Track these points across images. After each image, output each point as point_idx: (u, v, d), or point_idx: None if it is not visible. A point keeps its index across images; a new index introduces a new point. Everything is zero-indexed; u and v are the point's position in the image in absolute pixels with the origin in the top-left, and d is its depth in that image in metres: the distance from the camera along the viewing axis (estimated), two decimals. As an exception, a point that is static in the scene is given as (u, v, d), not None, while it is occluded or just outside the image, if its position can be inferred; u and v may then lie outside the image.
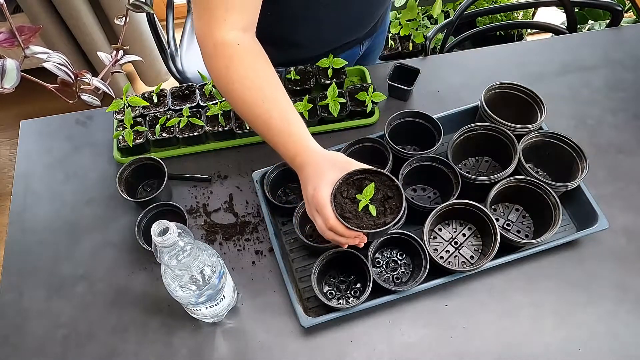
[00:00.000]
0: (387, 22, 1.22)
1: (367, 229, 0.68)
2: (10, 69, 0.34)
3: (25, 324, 0.83)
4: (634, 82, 1.08)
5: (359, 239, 0.70)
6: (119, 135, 0.96)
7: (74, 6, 1.76)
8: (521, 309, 0.82)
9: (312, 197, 0.69)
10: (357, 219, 0.69)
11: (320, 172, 0.69)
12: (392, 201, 0.70)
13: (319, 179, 0.69)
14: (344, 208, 0.69)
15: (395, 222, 0.68)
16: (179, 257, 0.62)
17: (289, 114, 0.74)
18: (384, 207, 0.70)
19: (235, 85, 0.74)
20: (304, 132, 0.73)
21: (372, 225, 0.68)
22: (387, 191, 0.71)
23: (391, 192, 0.71)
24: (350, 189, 0.70)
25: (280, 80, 0.78)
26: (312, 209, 0.70)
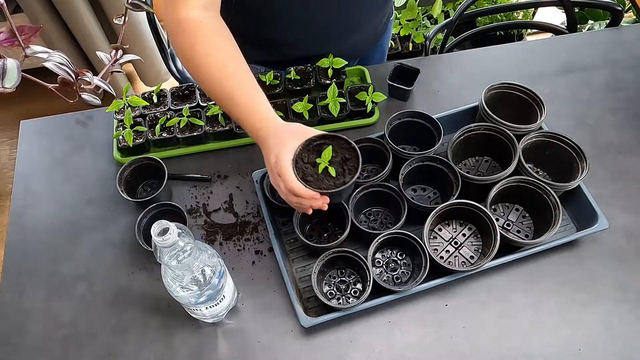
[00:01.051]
0: (390, 29, 1.22)
1: (327, 189, 0.72)
2: (11, 68, 0.34)
3: (25, 324, 0.83)
4: (634, 82, 1.08)
5: (321, 200, 0.73)
6: (119, 135, 0.96)
7: (74, 6, 1.76)
8: (521, 309, 0.82)
9: (274, 164, 0.72)
10: (318, 181, 0.72)
11: (281, 141, 0.73)
12: (350, 162, 0.74)
13: (280, 146, 0.72)
14: (305, 172, 0.72)
15: (353, 180, 0.72)
16: (179, 257, 0.62)
17: (251, 90, 0.76)
18: (343, 169, 0.74)
19: (200, 62, 0.76)
20: (265, 107, 0.76)
21: (332, 185, 0.72)
22: (345, 153, 0.75)
23: (349, 154, 0.74)
24: (311, 154, 0.74)
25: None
26: (275, 175, 0.73)
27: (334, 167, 0.73)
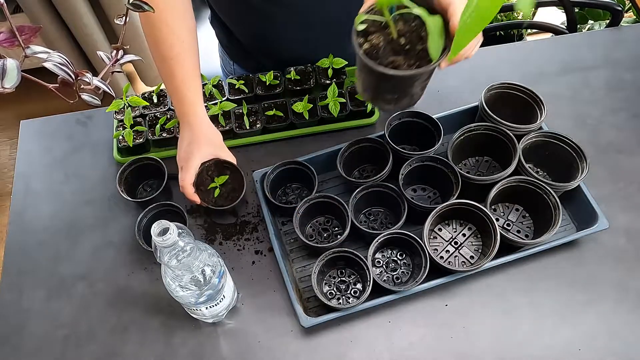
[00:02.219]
0: None
1: (207, 203, 0.85)
2: (11, 68, 0.34)
3: (25, 324, 0.83)
4: (634, 82, 1.08)
5: (199, 202, 0.85)
6: (119, 135, 0.96)
7: (74, 6, 1.76)
8: (521, 309, 0.82)
9: (184, 158, 0.84)
10: (205, 193, 0.86)
11: (197, 142, 0.83)
12: (236, 193, 0.87)
13: (195, 147, 0.83)
14: (204, 182, 0.86)
15: (225, 208, 0.86)
16: (179, 257, 0.62)
17: (188, 78, 0.83)
18: (228, 195, 0.87)
19: (153, 33, 0.81)
20: (196, 99, 0.84)
21: (212, 202, 0.86)
22: (236, 185, 0.87)
23: (239, 187, 0.87)
24: (215, 170, 0.87)
25: None
26: (182, 161, 0.84)
27: (221, 190, 0.86)
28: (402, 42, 0.58)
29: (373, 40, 0.58)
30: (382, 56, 0.58)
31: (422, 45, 0.58)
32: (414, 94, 0.64)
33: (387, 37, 0.58)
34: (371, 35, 0.59)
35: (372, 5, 0.60)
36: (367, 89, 0.64)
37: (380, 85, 0.62)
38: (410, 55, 0.58)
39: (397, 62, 0.57)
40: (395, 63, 0.57)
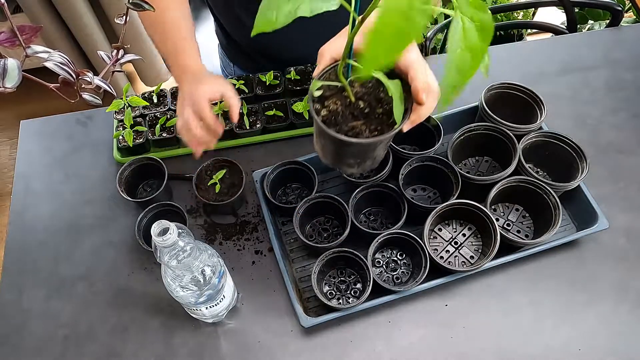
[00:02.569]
0: None
1: (209, 200, 0.86)
2: (12, 68, 0.34)
3: (25, 324, 0.83)
4: (634, 82, 1.08)
5: (203, 146, 0.79)
6: (119, 135, 0.96)
7: (74, 6, 1.77)
8: (521, 309, 0.82)
9: (187, 96, 0.77)
10: (205, 191, 0.88)
11: (201, 81, 0.78)
12: (235, 188, 0.88)
13: (198, 84, 0.77)
14: (203, 181, 0.90)
15: (226, 203, 0.85)
16: (179, 257, 0.62)
17: (179, 42, 0.81)
18: (228, 190, 0.88)
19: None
20: (195, 52, 0.82)
21: (212, 199, 0.87)
22: (236, 180, 0.89)
23: (238, 182, 0.88)
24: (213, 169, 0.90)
25: None
26: (184, 106, 0.77)
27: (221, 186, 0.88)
28: (361, 106, 0.57)
29: (330, 106, 0.57)
30: (341, 122, 0.56)
31: (382, 108, 0.57)
32: (377, 156, 0.63)
33: (345, 100, 0.57)
34: (328, 100, 0.58)
35: (326, 68, 0.59)
36: (328, 155, 0.63)
37: (342, 152, 0.60)
38: (370, 119, 0.57)
39: (357, 128, 0.56)
40: (356, 129, 0.56)
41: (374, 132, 0.56)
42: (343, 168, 0.64)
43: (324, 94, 0.58)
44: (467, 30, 0.40)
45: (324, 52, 0.60)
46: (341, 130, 0.56)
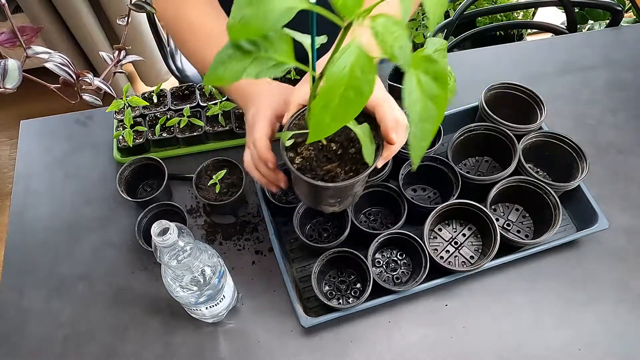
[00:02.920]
0: None
1: (209, 200, 0.77)
2: (12, 69, 0.35)
3: (25, 324, 0.83)
4: (634, 82, 1.08)
5: (273, 186, 0.69)
6: (119, 135, 0.96)
7: (74, 6, 1.77)
8: (521, 309, 0.82)
9: (250, 118, 0.68)
10: (205, 191, 0.82)
11: (263, 94, 0.68)
12: (235, 188, 0.79)
13: (261, 98, 0.68)
14: (202, 181, 0.84)
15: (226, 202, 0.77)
16: (179, 257, 0.62)
17: None
18: (228, 190, 0.78)
19: (184, 31, 0.75)
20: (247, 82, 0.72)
21: (213, 199, 0.72)
22: (236, 180, 0.84)
23: (239, 182, 0.79)
24: (213, 169, 0.83)
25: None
26: (249, 124, 0.68)
27: (224, 186, 0.75)
28: (334, 148, 0.59)
29: (304, 152, 0.58)
30: (316, 167, 0.58)
31: (354, 148, 0.59)
32: (356, 193, 0.64)
33: (317, 144, 0.58)
34: (301, 146, 0.59)
35: (295, 114, 0.60)
36: (308, 198, 0.65)
37: (321, 195, 0.62)
38: (344, 160, 0.58)
39: (333, 171, 0.57)
40: (332, 172, 0.57)
41: (350, 172, 0.57)
42: (324, 208, 0.65)
43: (295, 141, 0.59)
44: (422, 83, 0.42)
45: (290, 99, 0.61)
46: (317, 175, 0.57)
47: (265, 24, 0.40)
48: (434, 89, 0.42)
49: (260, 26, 0.40)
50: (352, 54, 0.39)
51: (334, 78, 0.39)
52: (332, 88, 0.39)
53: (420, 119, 0.42)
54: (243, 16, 0.40)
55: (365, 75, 0.39)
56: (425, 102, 0.42)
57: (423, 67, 0.42)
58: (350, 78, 0.38)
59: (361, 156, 0.55)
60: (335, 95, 0.39)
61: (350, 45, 0.39)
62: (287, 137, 0.57)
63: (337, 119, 0.40)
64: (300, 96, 0.61)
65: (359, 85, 0.39)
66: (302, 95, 0.60)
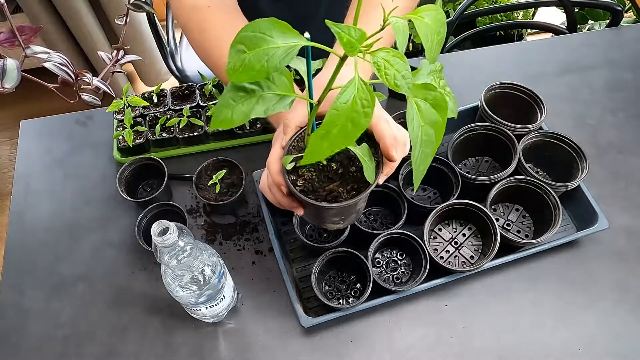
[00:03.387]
0: None
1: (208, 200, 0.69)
2: (11, 68, 0.35)
3: (25, 324, 0.83)
4: (634, 82, 1.08)
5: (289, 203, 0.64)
6: (119, 135, 0.96)
7: (74, 6, 1.77)
8: (521, 309, 0.82)
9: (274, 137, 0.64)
10: (206, 191, 0.72)
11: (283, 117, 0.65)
12: (236, 188, 0.70)
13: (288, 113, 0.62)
14: (202, 181, 0.80)
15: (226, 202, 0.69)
16: (179, 257, 0.62)
17: None
18: (228, 190, 0.70)
19: (212, 47, 0.74)
20: None
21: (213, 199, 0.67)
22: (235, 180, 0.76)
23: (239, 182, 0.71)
24: (213, 169, 0.75)
25: None
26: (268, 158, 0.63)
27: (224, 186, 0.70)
28: (334, 167, 0.60)
29: (305, 174, 0.59)
30: (318, 187, 0.58)
31: (354, 166, 0.60)
32: (359, 210, 0.65)
33: (318, 165, 0.59)
34: (302, 169, 0.59)
35: (294, 136, 0.60)
36: (313, 218, 0.67)
37: (325, 215, 0.62)
38: (345, 179, 0.59)
39: (335, 190, 0.58)
40: (334, 191, 0.58)
41: (352, 191, 0.58)
42: (329, 226, 0.66)
43: (296, 164, 0.59)
44: (422, 110, 0.45)
45: (289, 122, 0.61)
46: (319, 195, 0.58)
47: (269, 66, 0.41)
48: (433, 115, 0.45)
49: (265, 69, 0.41)
50: (355, 88, 0.41)
51: (336, 111, 0.41)
52: (333, 120, 0.41)
53: (421, 143, 0.44)
54: (244, 60, 0.41)
55: (365, 108, 0.41)
56: (426, 128, 0.44)
57: (422, 95, 0.44)
58: (350, 111, 0.40)
59: (362, 174, 0.56)
60: (335, 126, 0.41)
61: (354, 81, 0.41)
62: (289, 161, 0.58)
63: (333, 146, 0.42)
64: (298, 118, 0.60)
65: (357, 118, 0.41)
66: (300, 117, 0.60)
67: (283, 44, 0.42)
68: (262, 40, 0.41)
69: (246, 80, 0.43)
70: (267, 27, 0.42)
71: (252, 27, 0.42)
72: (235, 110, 0.45)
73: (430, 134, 0.45)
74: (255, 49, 0.41)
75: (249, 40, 0.41)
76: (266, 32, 0.42)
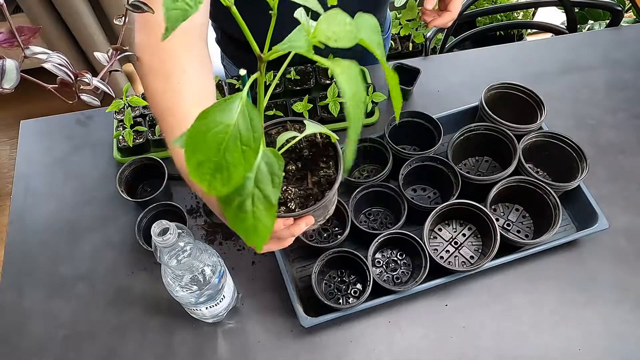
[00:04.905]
0: (387, 26, 1.20)
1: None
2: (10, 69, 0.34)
3: (25, 324, 0.83)
4: (634, 82, 1.08)
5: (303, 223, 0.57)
6: (119, 135, 0.96)
7: (74, 6, 1.77)
8: (521, 309, 0.82)
9: None
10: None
11: None
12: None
13: None
14: None
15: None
16: (179, 257, 0.62)
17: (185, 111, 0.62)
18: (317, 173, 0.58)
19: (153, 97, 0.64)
20: None
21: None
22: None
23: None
24: None
25: None
26: None
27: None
28: (293, 168, 0.57)
29: (284, 195, 0.55)
30: (303, 194, 0.55)
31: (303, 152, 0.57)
32: (334, 201, 0.63)
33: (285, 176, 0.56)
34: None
35: None
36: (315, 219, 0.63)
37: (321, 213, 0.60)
38: (312, 173, 0.56)
39: (307, 190, 0.55)
40: (312, 189, 0.55)
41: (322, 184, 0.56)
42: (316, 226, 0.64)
43: None
44: None
45: None
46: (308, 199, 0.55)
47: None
48: None
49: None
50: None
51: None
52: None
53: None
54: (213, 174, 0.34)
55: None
56: None
57: None
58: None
59: (316, 158, 0.54)
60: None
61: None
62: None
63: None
64: None
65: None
66: None
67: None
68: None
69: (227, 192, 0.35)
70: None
71: None
72: (256, 221, 0.38)
73: None
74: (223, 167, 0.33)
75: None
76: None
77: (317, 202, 0.54)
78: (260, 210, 0.37)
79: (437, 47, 1.67)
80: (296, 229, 0.57)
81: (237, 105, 0.33)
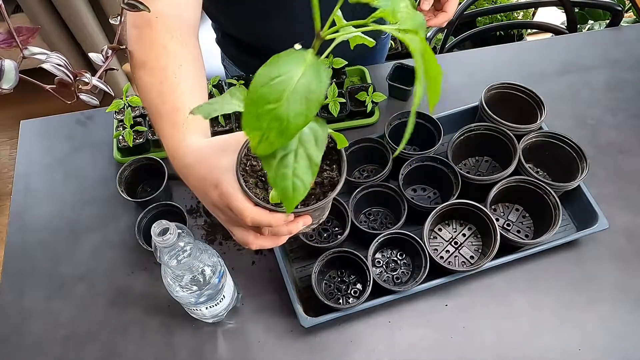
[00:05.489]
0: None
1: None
2: (9, 69, 0.35)
3: (25, 324, 0.83)
4: (634, 82, 1.08)
5: (301, 221, 0.54)
6: (119, 135, 0.96)
7: (73, 6, 1.77)
8: (521, 309, 0.82)
9: (218, 198, 0.53)
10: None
11: (213, 165, 0.54)
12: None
13: (215, 172, 0.53)
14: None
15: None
16: (179, 257, 0.62)
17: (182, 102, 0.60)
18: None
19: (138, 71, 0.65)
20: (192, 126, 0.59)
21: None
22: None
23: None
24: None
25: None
26: (225, 211, 0.54)
27: None
28: None
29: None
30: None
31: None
32: (328, 207, 0.61)
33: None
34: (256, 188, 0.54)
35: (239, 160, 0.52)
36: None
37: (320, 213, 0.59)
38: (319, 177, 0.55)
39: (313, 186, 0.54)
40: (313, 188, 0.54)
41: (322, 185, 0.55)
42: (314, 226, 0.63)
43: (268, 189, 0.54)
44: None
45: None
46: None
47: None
48: None
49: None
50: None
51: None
52: None
53: None
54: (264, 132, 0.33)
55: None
56: None
57: None
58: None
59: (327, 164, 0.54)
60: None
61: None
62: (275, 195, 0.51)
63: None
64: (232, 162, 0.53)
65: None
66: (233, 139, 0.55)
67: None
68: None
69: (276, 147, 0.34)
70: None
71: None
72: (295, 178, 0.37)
73: None
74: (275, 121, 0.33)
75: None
76: None
77: (318, 201, 0.54)
78: (301, 167, 0.37)
79: (437, 47, 1.67)
80: (294, 226, 0.54)
81: (307, 56, 0.33)
